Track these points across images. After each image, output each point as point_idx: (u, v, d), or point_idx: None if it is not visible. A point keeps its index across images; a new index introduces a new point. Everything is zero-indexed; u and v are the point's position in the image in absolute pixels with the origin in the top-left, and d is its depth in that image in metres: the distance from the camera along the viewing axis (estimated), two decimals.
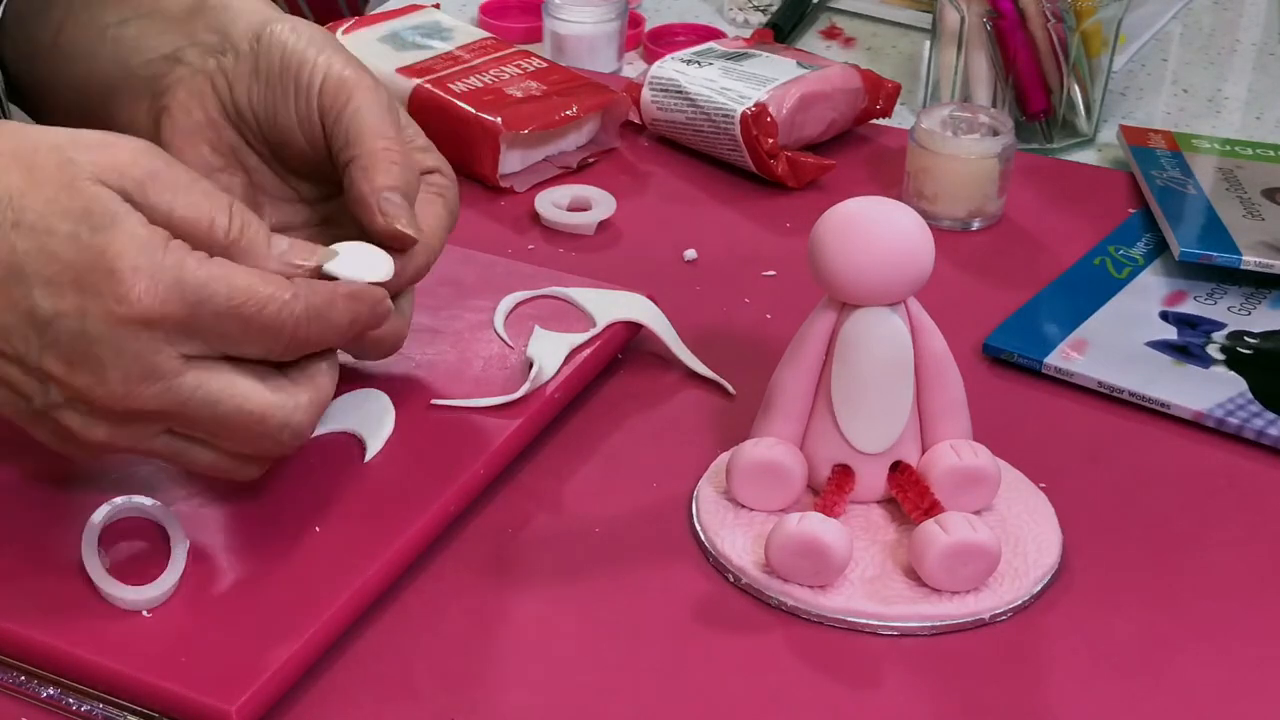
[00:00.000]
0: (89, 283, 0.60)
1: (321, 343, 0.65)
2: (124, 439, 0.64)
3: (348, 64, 0.72)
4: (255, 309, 0.62)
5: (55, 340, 0.61)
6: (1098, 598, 0.69)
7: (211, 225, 0.63)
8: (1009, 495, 0.73)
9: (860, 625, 0.67)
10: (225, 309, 0.62)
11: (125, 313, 0.60)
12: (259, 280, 0.63)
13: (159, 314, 0.61)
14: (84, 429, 0.63)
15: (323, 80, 0.71)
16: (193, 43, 0.74)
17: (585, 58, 1.14)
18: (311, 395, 0.66)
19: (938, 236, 0.69)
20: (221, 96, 0.74)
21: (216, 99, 0.74)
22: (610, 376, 0.81)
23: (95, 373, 0.61)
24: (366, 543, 0.67)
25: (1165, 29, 1.26)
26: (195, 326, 0.62)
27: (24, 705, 0.63)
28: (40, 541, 0.67)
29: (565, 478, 0.75)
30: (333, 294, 0.65)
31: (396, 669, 0.65)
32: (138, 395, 0.62)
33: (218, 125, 0.74)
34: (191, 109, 0.74)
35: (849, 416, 0.70)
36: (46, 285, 0.61)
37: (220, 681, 0.61)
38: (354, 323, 0.66)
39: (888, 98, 1.04)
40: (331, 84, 0.71)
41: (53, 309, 0.61)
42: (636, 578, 0.69)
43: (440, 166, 0.75)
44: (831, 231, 0.68)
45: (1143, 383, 0.81)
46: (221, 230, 0.63)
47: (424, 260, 0.71)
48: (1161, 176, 0.98)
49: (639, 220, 0.95)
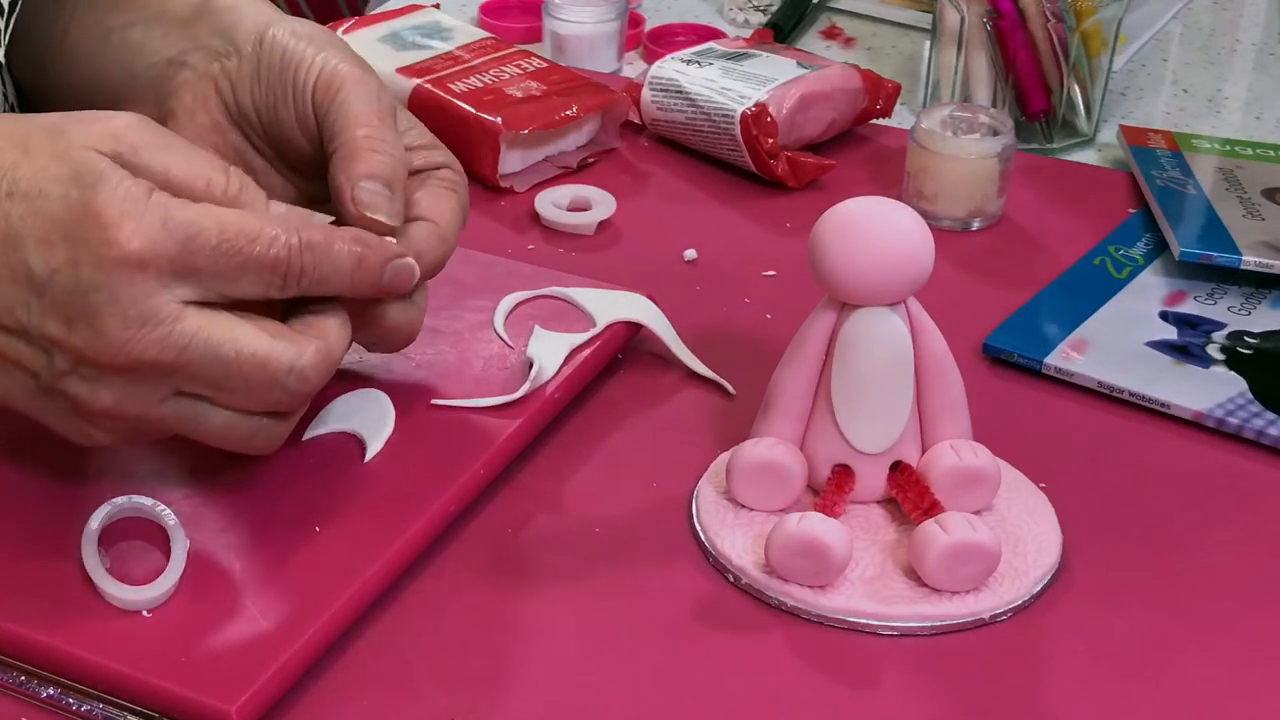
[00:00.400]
0: (78, 234, 0.61)
1: (325, 283, 0.65)
2: (131, 403, 0.63)
3: (343, 59, 0.72)
4: (246, 243, 0.62)
5: (53, 300, 0.61)
6: (1098, 598, 0.69)
7: (209, 184, 0.63)
8: (1009, 495, 0.73)
9: (860, 625, 0.67)
10: (216, 243, 0.62)
11: (116, 254, 0.61)
12: (250, 217, 0.63)
13: (150, 252, 0.61)
14: (91, 396, 0.63)
15: (317, 76, 0.71)
16: (197, 46, 0.75)
17: (585, 58, 1.14)
18: (319, 344, 0.65)
19: (938, 236, 0.69)
20: (225, 100, 0.74)
21: (220, 102, 0.74)
22: (610, 376, 0.81)
23: (93, 324, 0.61)
24: (366, 543, 0.67)
25: (1165, 29, 1.26)
26: (188, 265, 0.62)
27: (24, 705, 0.63)
28: (40, 542, 0.67)
29: (565, 478, 0.75)
30: (332, 233, 0.65)
31: (396, 669, 0.65)
32: (137, 342, 0.61)
33: (222, 129, 0.74)
34: (196, 113, 0.74)
35: (849, 416, 0.70)
36: (39, 245, 0.61)
37: (220, 681, 0.61)
38: (360, 266, 0.65)
39: (888, 98, 1.04)
40: (324, 79, 0.71)
41: (46, 266, 0.61)
42: (636, 578, 0.69)
43: (450, 162, 0.75)
44: (831, 231, 0.68)
45: (1143, 383, 0.81)
46: (219, 188, 0.63)
47: (441, 253, 0.71)
48: (1161, 176, 0.98)
49: (639, 220, 0.95)
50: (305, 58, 0.72)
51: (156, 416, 0.64)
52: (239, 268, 0.63)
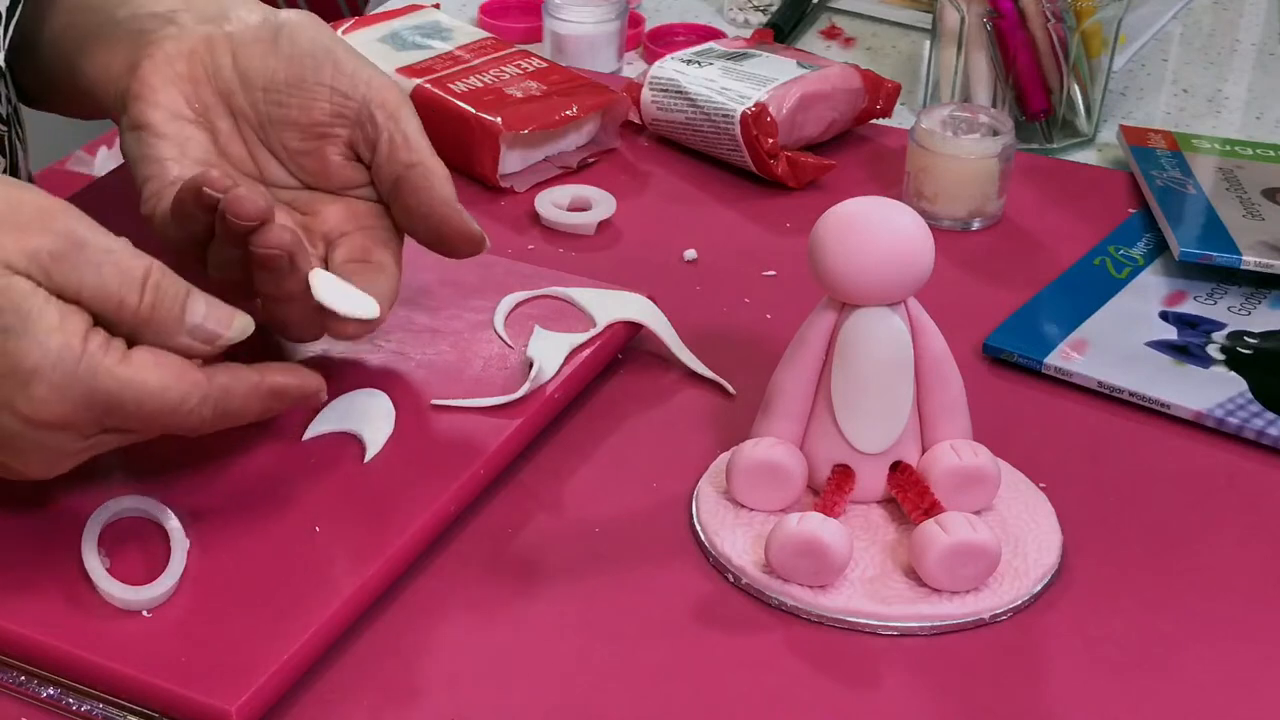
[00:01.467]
0: (3, 388, 0.62)
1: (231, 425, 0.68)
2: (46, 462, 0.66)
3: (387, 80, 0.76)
4: (165, 415, 0.64)
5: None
6: (1098, 598, 0.69)
7: (120, 305, 0.63)
8: (1009, 495, 0.73)
9: (860, 625, 0.67)
10: (133, 413, 0.64)
11: (39, 420, 0.63)
12: (172, 381, 0.64)
13: (70, 420, 0.63)
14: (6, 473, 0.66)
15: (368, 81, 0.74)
16: (189, 8, 0.76)
17: (585, 58, 1.14)
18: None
19: (938, 236, 0.69)
20: (216, 59, 0.75)
21: (208, 59, 0.75)
22: (610, 376, 0.81)
23: (18, 456, 0.64)
24: (366, 543, 0.67)
25: (1165, 29, 1.26)
26: (106, 423, 0.64)
27: (24, 705, 0.63)
28: (40, 541, 0.67)
29: (565, 478, 0.75)
30: (253, 391, 0.66)
31: (396, 669, 0.65)
32: (57, 470, 0.66)
33: (198, 81, 0.75)
34: (175, 61, 0.75)
35: (849, 416, 0.70)
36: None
37: (220, 681, 0.61)
38: (267, 411, 0.68)
39: (888, 98, 1.04)
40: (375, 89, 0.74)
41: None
42: (636, 578, 0.69)
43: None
44: (831, 231, 0.68)
45: (1143, 383, 0.81)
46: (130, 310, 0.64)
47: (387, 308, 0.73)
48: (1161, 176, 0.98)
49: (639, 220, 0.95)
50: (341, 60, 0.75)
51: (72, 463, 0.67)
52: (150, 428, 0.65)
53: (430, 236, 0.74)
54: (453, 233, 0.74)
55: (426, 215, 0.74)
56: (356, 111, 0.74)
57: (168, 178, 0.73)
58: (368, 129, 0.74)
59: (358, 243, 0.74)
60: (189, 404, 0.64)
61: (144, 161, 0.74)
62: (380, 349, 0.79)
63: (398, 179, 0.74)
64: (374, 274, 0.73)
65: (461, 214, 0.74)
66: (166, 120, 0.74)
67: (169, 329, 0.64)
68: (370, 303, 0.71)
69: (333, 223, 0.75)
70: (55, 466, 0.65)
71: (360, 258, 0.74)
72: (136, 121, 0.74)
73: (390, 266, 0.74)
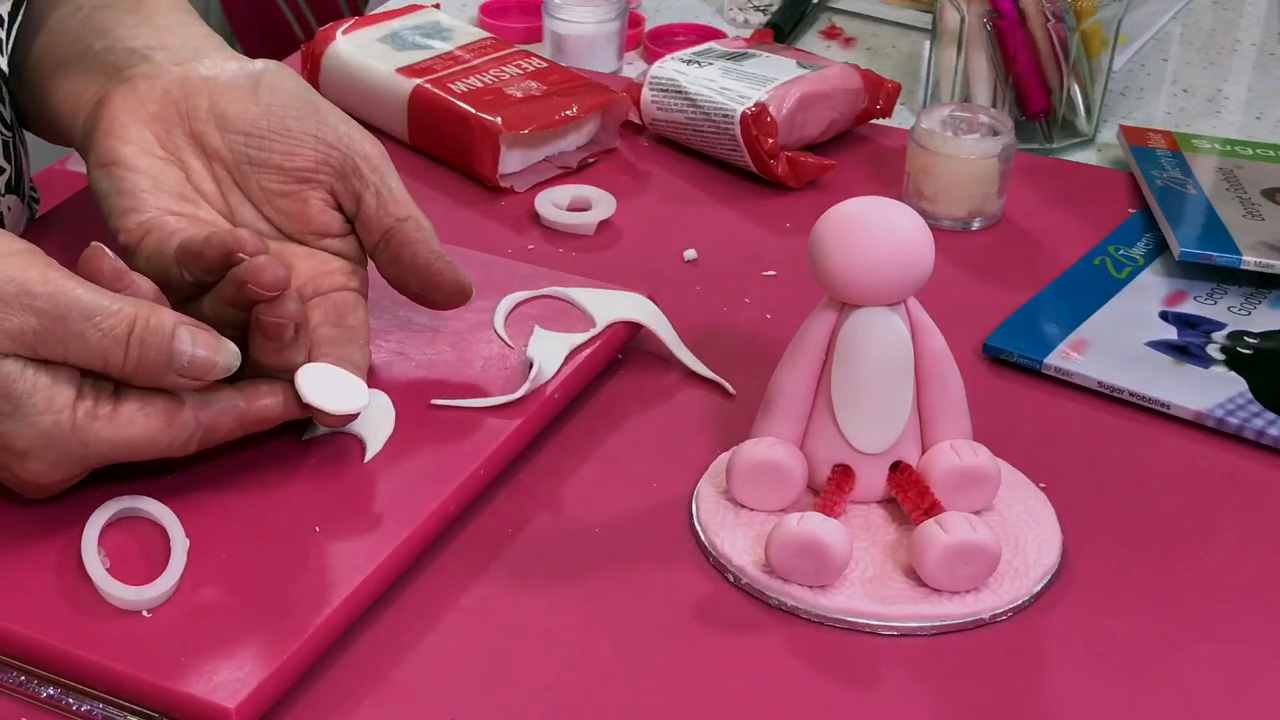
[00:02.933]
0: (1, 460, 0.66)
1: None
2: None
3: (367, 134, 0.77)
4: (156, 454, 0.68)
5: None
6: (1098, 598, 0.69)
7: (106, 365, 0.66)
8: (1009, 495, 0.73)
9: (860, 625, 0.67)
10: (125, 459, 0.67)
11: (35, 484, 0.67)
12: (160, 430, 0.67)
13: (66, 480, 0.67)
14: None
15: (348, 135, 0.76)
16: (164, 47, 0.78)
17: (585, 58, 1.14)
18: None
19: (938, 236, 0.69)
20: (191, 100, 0.76)
21: (182, 101, 0.76)
22: (610, 376, 0.81)
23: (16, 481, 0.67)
24: (366, 543, 0.67)
25: (1165, 29, 1.26)
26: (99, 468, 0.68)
27: (24, 705, 0.63)
28: (40, 541, 0.67)
29: (565, 478, 0.75)
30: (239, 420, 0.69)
31: (396, 669, 0.65)
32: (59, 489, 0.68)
33: (169, 122, 0.76)
34: (148, 100, 0.76)
35: (849, 416, 0.70)
36: None
37: (220, 681, 0.61)
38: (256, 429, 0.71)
39: (888, 98, 1.04)
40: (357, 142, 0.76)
41: None
42: (636, 578, 0.69)
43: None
44: (831, 231, 0.68)
45: (1143, 383, 0.81)
46: (116, 368, 0.66)
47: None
48: (1161, 176, 0.98)
49: (639, 220, 0.95)
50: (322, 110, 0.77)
51: None
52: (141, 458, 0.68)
53: (421, 289, 0.76)
54: (446, 284, 0.76)
55: (422, 269, 0.75)
56: (340, 162, 0.75)
57: (146, 210, 0.74)
58: (352, 181, 0.75)
59: (331, 306, 0.74)
60: (177, 444, 0.67)
61: (120, 195, 0.75)
62: (380, 349, 0.79)
63: (388, 231, 0.75)
64: (348, 341, 0.73)
65: (454, 267, 0.76)
66: (138, 155, 0.75)
67: (158, 374, 0.66)
68: (357, 394, 0.71)
69: (304, 277, 0.75)
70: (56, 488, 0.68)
71: (335, 323, 0.74)
72: (108, 158, 0.75)
73: (362, 331, 0.74)
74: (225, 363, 0.67)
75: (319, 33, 1.08)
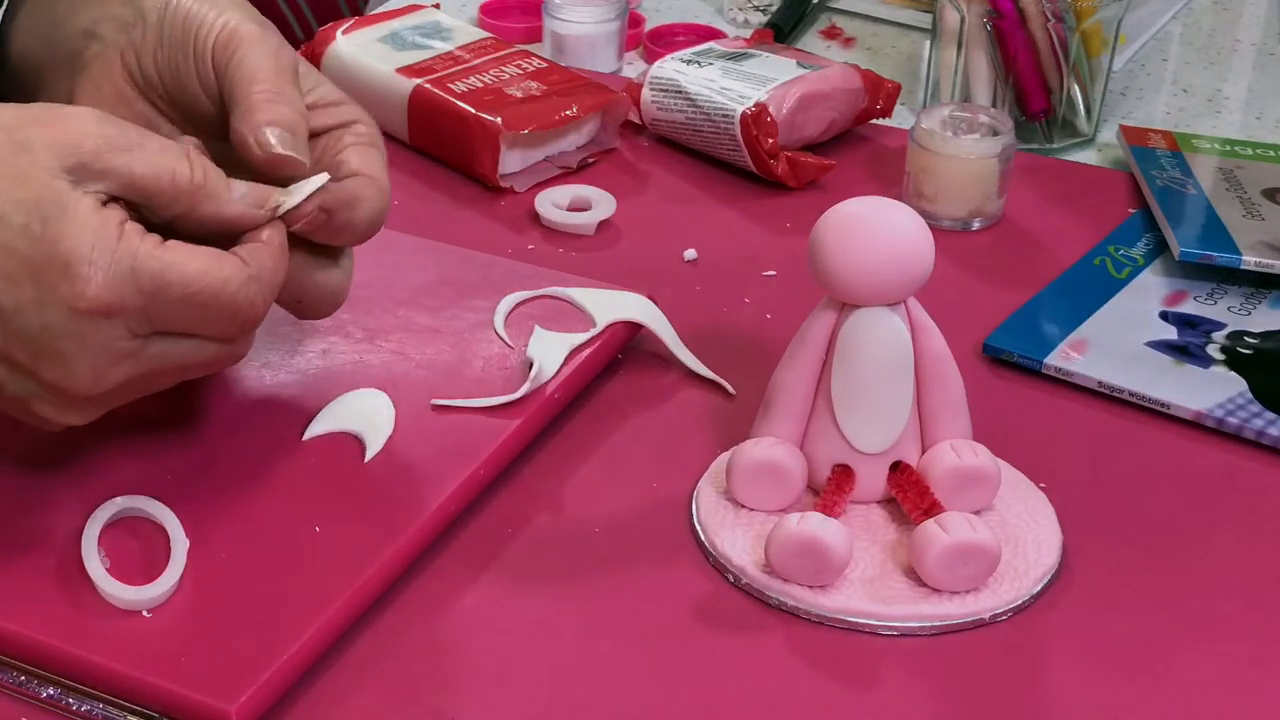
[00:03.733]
0: (45, 278, 0.61)
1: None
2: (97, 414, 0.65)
3: (243, 19, 0.71)
4: (212, 300, 0.63)
5: (18, 333, 0.62)
6: (1098, 598, 0.69)
7: (174, 177, 0.63)
8: (1009, 495, 0.73)
9: (860, 625, 0.67)
10: (181, 296, 0.62)
11: (84, 307, 0.61)
12: (212, 265, 0.63)
13: (117, 306, 0.61)
14: (58, 416, 0.64)
15: (215, 36, 0.71)
16: (107, 16, 0.74)
17: (585, 58, 1.14)
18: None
19: (938, 236, 0.69)
20: (130, 70, 0.73)
21: (125, 72, 0.73)
22: (610, 376, 0.81)
23: (62, 365, 0.62)
24: (366, 543, 0.67)
25: (1165, 29, 1.26)
26: (153, 313, 0.62)
27: (24, 705, 0.63)
28: (40, 541, 0.67)
29: (565, 478, 0.75)
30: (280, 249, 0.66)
31: (396, 669, 0.65)
32: (107, 379, 0.63)
33: (128, 98, 0.74)
34: (101, 84, 0.74)
35: (849, 416, 0.70)
36: (5, 280, 0.61)
37: (220, 681, 0.61)
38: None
39: (888, 98, 1.04)
40: (222, 39, 0.71)
41: (13, 302, 0.61)
42: (636, 578, 0.69)
43: (361, 117, 0.73)
44: (831, 231, 0.68)
45: (1143, 383, 0.81)
46: (184, 179, 0.63)
47: (381, 205, 0.70)
48: (1161, 176, 0.98)
49: (639, 220, 0.95)
50: (205, 19, 0.71)
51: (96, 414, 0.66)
52: (200, 319, 0.64)
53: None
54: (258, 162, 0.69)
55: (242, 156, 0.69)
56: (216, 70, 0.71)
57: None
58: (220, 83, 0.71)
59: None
60: (234, 284, 0.63)
61: None
62: (380, 349, 0.79)
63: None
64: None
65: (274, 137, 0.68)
66: None
67: (222, 195, 0.64)
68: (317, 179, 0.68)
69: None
70: (104, 373, 0.63)
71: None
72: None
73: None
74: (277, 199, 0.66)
75: (319, 33, 1.08)
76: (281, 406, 0.75)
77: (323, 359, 0.78)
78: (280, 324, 0.79)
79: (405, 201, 0.97)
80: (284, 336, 0.79)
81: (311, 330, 0.79)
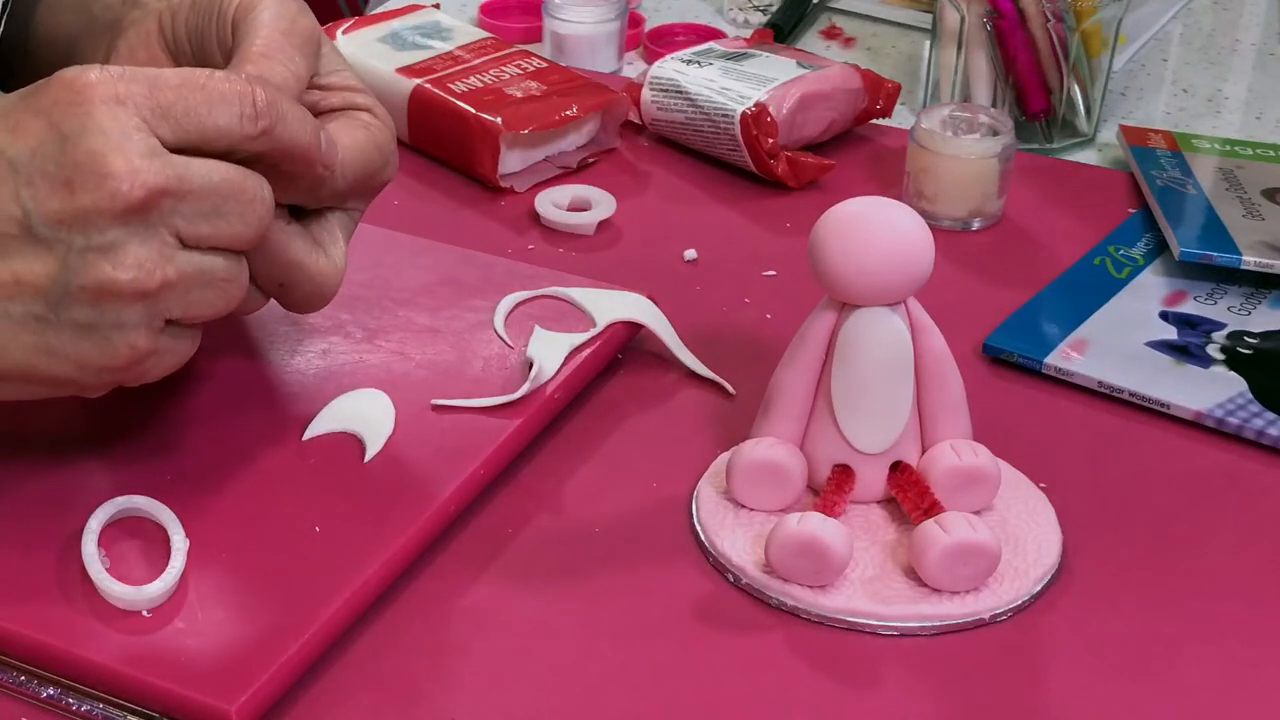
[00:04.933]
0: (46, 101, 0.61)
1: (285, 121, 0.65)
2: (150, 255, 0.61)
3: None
4: (206, 77, 0.63)
5: (44, 174, 0.60)
6: (1098, 598, 0.69)
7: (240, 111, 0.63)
8: (1009, 495, 0.73)
9: (860, 625, 0.67)
10: (179, 82, 0.62)
11: (91, 95, 0.61)
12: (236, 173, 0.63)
13: (124, 91, 0.61)
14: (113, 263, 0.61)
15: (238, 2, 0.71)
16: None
17: (585, 58, 1.14)
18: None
19: (938, 236, 0.69)
20: (166, 36, 0.74)
21: (162, 39, 0.74)
22: (610, 376, 0.81)
23: (97, 167, 0.60)
24: (366, 543, 0.67)
25: (1165, 29, 1.26)
26: (159, 101, 0.62)
27: (24, 705, 0.63)
28: (40, 542, 0.67)
29: (565, 478, 0.75)
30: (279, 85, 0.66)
31: (396, 669, 0.65)
32: (145, 170, 0.60)
33: (159, 62, 0.74)
34: (136, 49, 0.74)
35: (849, 416, 0.70)
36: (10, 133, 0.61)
37: (220, 681, 0.61)
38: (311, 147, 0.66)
39: (888, 98, 1.04)
40: (246, 3, 0.71)
41: (26, 148, 0.61)
42: (636, 578, 0.69)
43: (372, 106, 0.73)
44: (831, 231, 0.68)
45: (1143, 383, 0.81)
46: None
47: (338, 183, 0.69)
48: (1161, 176, 0.98)
49: (639, 220, 0.95)
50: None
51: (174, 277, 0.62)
52: (207, 100, 0.62)
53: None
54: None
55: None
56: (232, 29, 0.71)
57: None
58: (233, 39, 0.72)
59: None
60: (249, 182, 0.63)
61: None
62: (380, 349, 0.79)
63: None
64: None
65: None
66: None
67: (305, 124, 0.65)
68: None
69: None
70: (136, 167, 0.61)
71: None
72: None
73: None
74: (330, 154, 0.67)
75: None
76: (281, 406, 0.75)
77: (322, 359, 0.78)
78: (280, 324, 0.79)
79: (405, 201, 0.97)
80: (284, 336, 0.79)
81: (311, 330, 0.79)
